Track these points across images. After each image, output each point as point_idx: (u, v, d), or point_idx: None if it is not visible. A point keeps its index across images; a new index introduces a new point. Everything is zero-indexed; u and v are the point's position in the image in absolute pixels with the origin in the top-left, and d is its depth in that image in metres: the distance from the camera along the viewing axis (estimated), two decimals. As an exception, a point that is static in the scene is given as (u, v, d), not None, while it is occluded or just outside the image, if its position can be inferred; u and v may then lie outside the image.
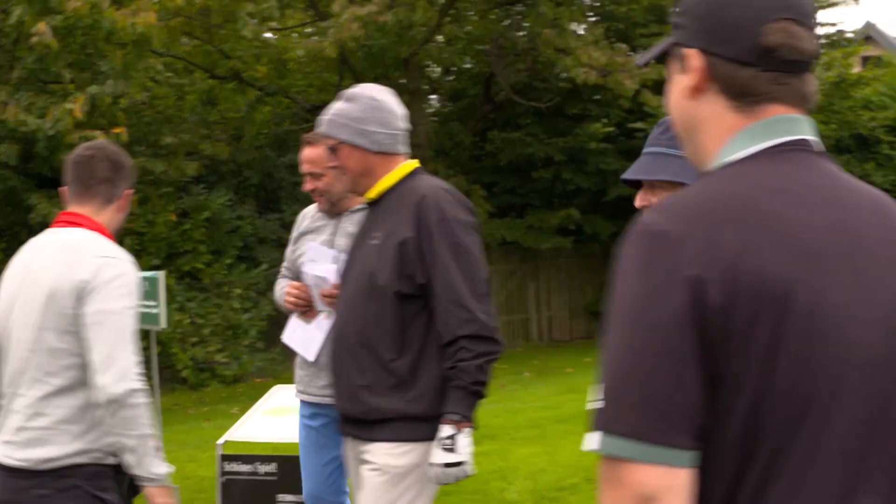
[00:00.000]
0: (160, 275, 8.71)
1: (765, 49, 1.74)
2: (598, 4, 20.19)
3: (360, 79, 18.03)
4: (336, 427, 4.26)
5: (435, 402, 3.78)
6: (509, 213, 20.45)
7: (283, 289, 4.89)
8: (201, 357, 16.41)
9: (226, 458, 6.92)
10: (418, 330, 3.83)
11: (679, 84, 1.85)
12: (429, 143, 18.34)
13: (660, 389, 1.60)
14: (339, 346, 4.00)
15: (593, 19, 19.70)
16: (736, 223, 1.64)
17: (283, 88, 18.80)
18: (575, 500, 7.86)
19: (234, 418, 8.91)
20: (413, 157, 4.09)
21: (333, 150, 4.02)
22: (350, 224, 4.75)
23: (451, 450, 3.69)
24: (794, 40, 1.75)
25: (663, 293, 1.61)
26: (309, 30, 17.88)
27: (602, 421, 1.64)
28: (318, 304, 4.63)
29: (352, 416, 3.96)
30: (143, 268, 13.43)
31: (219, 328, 16.79)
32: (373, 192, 4.01)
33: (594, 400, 1.66)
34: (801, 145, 1.78)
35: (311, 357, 4.75)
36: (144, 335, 13.40)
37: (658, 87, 17.71)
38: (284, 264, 5.16)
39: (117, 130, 12.56)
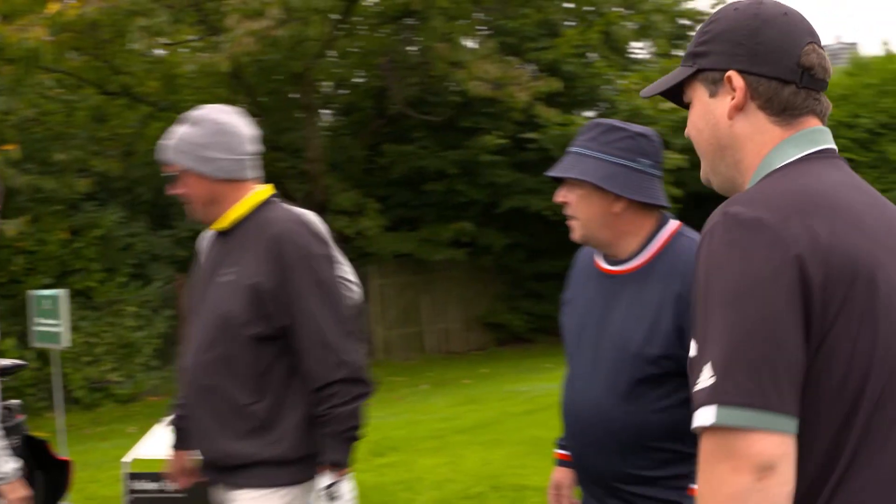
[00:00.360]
0: (62, 293, 8.61)
1: (804, 68, 1.94)
2: (490, 19, 20.38)
3: (252, 94, 17.97)
4: None
5: (297, 443, 3.59)
6: (402, 225, 20.48)
7: None
8: (95, 376, 16.19)
9: (133, 476, 6.86)
10: (278, 372, 3.60)
11: (710, 106, 2.01)
12: (321, 158, 18.32)
13: (776, 359, 1.70)
14: (192, 390, 3.74)
15: (485, 33, 19.88)
16: (819, 211, 1.80)
17: (174, 104, 18.61)
18: (482, 508, 7.96)
19: (132, 437, 8.84)
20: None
21: (178, 177, 3.73)
22: None
23: (334, 498, 3.55)
24: (823, 61, 1.96)
25: (774, 270, 1.73)
26: (200, 44, 17.74)
27: (716, 394, 1.70)
28: None
29: (211, 461, 3.76)
30: (35, 287, 13.24)
31: (112, 347, 16.59)
32: (223, 223, 3.73)
33: (699, 381, 1.73)
34: (833, 152, 1.98)
35: None
36: (42, 354, 13.26)
37: (549, 99, 17.97)
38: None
39: (9, 147, 12.37)
